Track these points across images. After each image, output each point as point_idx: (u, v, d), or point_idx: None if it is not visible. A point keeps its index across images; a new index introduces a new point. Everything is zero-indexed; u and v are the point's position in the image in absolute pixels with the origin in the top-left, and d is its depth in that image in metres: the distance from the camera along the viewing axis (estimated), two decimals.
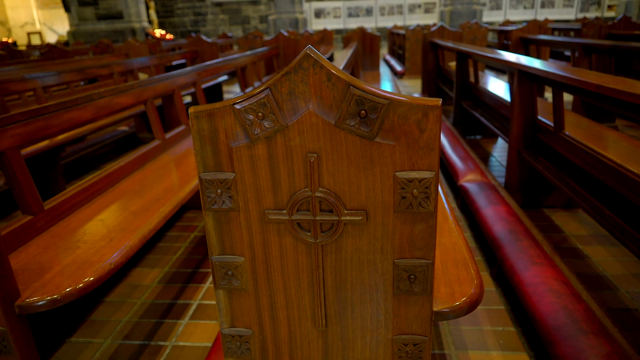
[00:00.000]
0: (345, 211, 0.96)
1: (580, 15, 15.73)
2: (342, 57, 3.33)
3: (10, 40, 14.83)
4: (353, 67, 4.57)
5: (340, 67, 2.29)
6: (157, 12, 17.75)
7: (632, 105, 1.62)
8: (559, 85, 2.22)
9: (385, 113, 0.89)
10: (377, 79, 5.74)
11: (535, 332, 1.72)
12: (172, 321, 1.93)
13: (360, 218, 0.96)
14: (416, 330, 1.05)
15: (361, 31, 6.00)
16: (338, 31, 16.46)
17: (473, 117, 4.11)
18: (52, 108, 1.74)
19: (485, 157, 3.95)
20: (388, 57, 12.26)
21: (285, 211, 0.98)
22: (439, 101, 0.88)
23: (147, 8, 16.27)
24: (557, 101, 2.30)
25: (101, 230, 1.60)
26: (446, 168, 3.58)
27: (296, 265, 1.03)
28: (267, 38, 6.56)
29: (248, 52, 4.66)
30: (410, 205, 0.93)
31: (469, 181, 2.89)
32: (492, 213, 2.38)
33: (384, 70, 11.01)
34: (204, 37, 6.10)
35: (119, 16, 14.22)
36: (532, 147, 2.70)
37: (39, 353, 1.73)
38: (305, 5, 16.23)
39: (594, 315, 1.55)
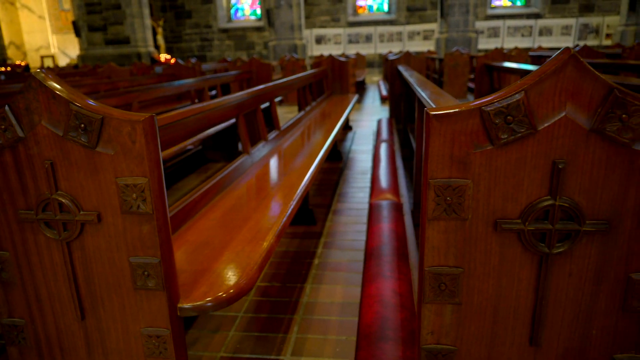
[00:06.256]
0: (81, 212, 1.09)
1: (580, 44, 15.80)
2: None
3: (23, 63, 15.55)
4: (307, 89, 4.74)
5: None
6: (166, 38, 18.42)
7: None
8: None
9: (102, 126, 1.03)
10: (344, 102, 5.89)
11: None
12: None
13: (92, 218, 1.09)
14: (160, 323, 1.16)
15: (330, 58, 6.21)
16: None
17: None
18: None
19: None
20: (381, 82, 12.48)
21: (33, 211, 1.11)
22: (146, 116, 1.02)
23: (155, 34, 16.90)
24: None
25: None
26: None
27: (51, 261, 1.15)
28: (241, 63, 6.81)
29: (208, 76, 4.88)
30: (131, 207, 1.06)
31: (379, 199, 2.98)
32: (378, 229, 2.46)
33: (372, 94, 11.22)
34: (180, 62, 6.38)
35: (126, 41, 14.82)
36: None
37: None
38: (306, 32, 16.68)
39: (410, 325, 1.62)
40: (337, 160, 4.83)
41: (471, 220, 0.95)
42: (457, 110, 0.89)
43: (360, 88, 12.15)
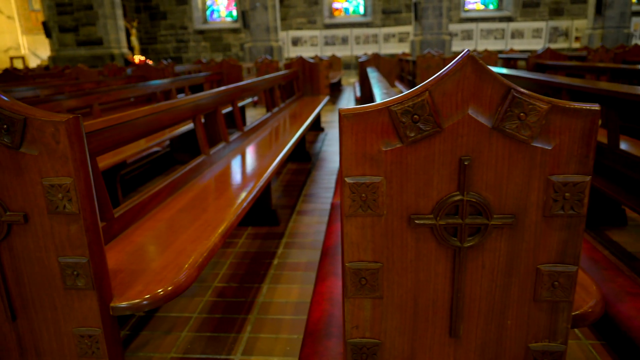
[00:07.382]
0: (7, 212, 1.09)
1: (551, 46, 16.20)
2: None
3: None
4: (275, 91, 4.76)
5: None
6: (140, 39, 18.18)
7: None
8: None
9: (25, 127, 1.03)
10: (314, 103, 5.92)
11: None
12: None
13: (19, 219, 1.08)
14: (91, 323, 1.16)
15: (301, 60, 6.24)
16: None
17: None
18: None
19: None
20: (356, 84, 12.58)
21: None
22: (69, 116, 1.03)
23: (129, 35, 16.67)
24: None
25: None
26: None
27: None
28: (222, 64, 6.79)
29: (176, 78, 4.86)
30: (58, 207, 1.06)
31: None
32: (337, 228, 2.49)
33: (348, 95, 11.30)
34: (149, 64, 6.32)
35: (98, 42, 14.58)
36: None
37: None
38: (283, 34, 16.69)
39: None
40: (305, 162, 4.86)
41: (386, 216, 0.98)
42: (366, 110, 0.92)
43: (336, 89, 12.24)
